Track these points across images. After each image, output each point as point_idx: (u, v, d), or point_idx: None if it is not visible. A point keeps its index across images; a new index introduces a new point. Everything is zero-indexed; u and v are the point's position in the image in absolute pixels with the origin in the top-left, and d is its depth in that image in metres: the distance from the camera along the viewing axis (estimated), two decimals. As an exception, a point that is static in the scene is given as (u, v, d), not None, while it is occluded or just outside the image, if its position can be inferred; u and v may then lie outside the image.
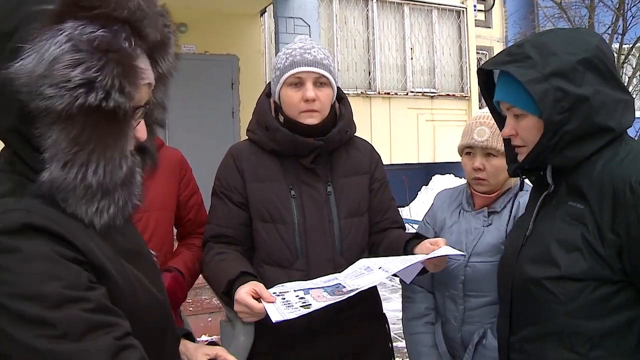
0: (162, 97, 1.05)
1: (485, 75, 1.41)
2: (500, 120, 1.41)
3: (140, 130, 0.95)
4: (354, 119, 1.76)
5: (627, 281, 1.15)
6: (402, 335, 1.90)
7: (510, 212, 1.67)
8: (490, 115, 1.65)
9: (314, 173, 1.64)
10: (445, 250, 1.45)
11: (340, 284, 1.40)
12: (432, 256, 1.44)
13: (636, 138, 7.49)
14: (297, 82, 1.61)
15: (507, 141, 1.38)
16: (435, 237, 1.57)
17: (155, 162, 1.08)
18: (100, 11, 0.81)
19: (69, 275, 0.80)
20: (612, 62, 1.25)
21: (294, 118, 1.62)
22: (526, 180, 1.45)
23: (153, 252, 1.15)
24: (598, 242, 1.15)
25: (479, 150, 1.69)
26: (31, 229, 0.79)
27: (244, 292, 1.40)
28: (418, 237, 1.58)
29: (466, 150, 1.74)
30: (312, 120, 1.61)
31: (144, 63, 0.91)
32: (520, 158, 1.33)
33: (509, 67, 1.25)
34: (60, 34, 0.78)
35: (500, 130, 1.40)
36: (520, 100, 1.25)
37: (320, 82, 1.61)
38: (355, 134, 1.78)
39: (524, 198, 1.68)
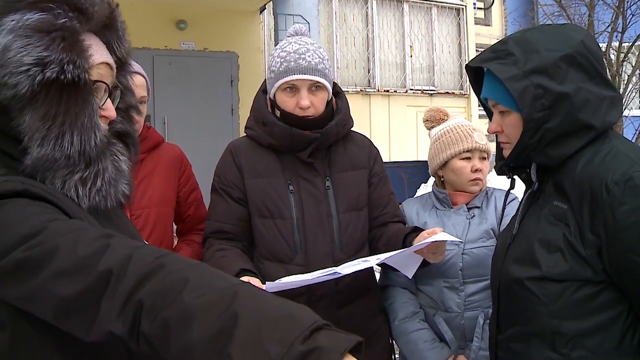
0: (127, 83, 1.10)
1: (475, 71, 1.40)
2: (491, 116, 1.42)
3: (109, 109, 0.99)
4: (353, 116, 1.77)
5: (609, 281, 1.14)
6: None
7: (495, 204, 1.79)
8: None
9: (312, 168, 1.65)
10: (441, 235, 1.47)
11: (336, 272, 1.42)
12: (429, 241, 1.45)
13: (636, 136, 7.47)
14: (292, 88, 1.61)
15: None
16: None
17: (137, 148, 1.11)
18: None
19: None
20: (598, 58, 1.21)
21: (290, 111, 1.62)
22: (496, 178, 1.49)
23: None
24: (579, 242, 1.14)
25: (477, 153, 1.82)
26: (27, 196, 0.83)
27: None
28: (416, 231, 1.59)
29: (465, 155, 1.81)
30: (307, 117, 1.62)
31: (92, 40, 0.97)
32: (505, 154, 1.33)
33: (491, 65, 1.23)
34: (3, 30, 0.84)
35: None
36: (504, 97, 1.24)
37: (315, 87, 1.62)
38: (353, 130, 1.79)
39: (497, 193, 1.83)
